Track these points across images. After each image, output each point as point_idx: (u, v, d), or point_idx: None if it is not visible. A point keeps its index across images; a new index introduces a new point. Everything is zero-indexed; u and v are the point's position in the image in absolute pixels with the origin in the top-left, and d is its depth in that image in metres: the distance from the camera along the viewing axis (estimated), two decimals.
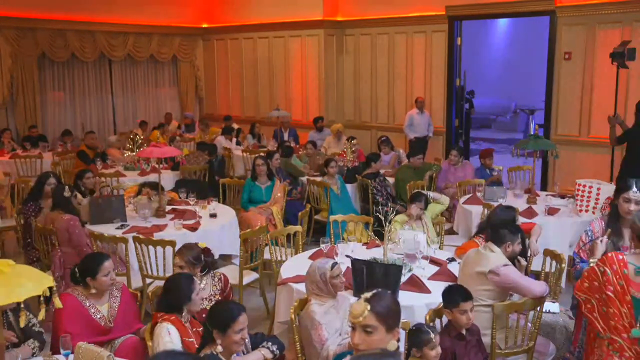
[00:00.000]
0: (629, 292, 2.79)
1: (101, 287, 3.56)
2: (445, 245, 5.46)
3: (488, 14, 10.17)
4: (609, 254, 2.90)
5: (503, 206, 4.80)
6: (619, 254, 2.88)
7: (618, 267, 2.82)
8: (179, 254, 3.88)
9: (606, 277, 2.84)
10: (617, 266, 2.82)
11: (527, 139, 6.54)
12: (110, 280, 3.59)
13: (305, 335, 3.40)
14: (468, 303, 3.28)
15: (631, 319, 2.80)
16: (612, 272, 2.83)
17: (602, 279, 2.86)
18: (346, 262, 4.14)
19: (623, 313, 2.80)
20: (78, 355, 2.95)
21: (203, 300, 3.76)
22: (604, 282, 2.85)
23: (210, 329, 2.92)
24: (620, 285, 2.81)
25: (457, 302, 3.27)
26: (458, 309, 3.27)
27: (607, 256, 2.89)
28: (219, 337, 2.90)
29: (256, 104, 12.70)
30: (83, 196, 5.93)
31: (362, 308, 2.35)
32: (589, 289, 2.94)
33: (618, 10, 8.30)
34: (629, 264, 2.81)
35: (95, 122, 12.36)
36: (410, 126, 10.06)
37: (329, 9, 11.19)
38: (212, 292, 3.91)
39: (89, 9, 11.38)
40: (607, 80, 8.53)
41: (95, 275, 3.52)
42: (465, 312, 3.26)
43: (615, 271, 2.82)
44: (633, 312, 2.79)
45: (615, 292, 2.82)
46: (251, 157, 8.91)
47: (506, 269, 3.64)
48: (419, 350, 2.91)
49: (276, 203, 6.73)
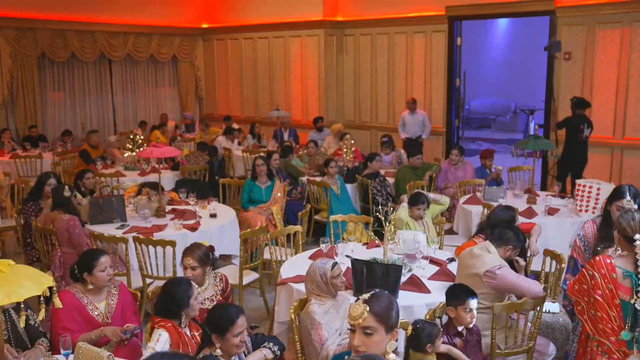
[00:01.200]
0: (618, 296, 2.79)
1: (98, 283, 3.55)
2: (445, 245, 5.46)
3: (488, 14, 10.17)
4: (596, 258, 2.88)
5: (503, 206, 4.80)
6: (607, 257, 2.86)
7: (606, 271, 2.80)
8: (189, 254, 3.81)
9: (595, 280, 2.83)
10: (605, 270, 2.81)
11: (527, 139, 6.54)
12: (108, 276, 3.57)
13: (305, 335, 3.40)
14: (474, 301, 3.29)
15: (620, 322, 2.79)
16: (600, 275, 2.81)
17: (590, 282, 2.86)
18: (346, 262, 4.14)
19: (612, 316, 2.79)
20: (78, 355, 2.95)
21: (204, 301, 3.76)
22: (592, 286, 2.84)
23: (209, 333, 2.91)
24: (609, 289, 2.80)
25: (463, 300, 3.28)
26: (463, 306, 3.27)
27: (595, 260, 2.87)
28: (218, 341, 2.89)
29: (256, 104, 12.70)
30: (83, 196, 5.93)
31: (361, 310, 2.34)
32: (578, 292, 2.94)
33: (618, 10, 8.30)
34: (617, 268, 2.80)
35: (95, 122, 12.36)
36: (402, 126, 10.05)
37: (329, 9, 11.19)
38: (213, 293, 3.90)
39: (89, 9, 11.38)
40: (607, 80, 8.54)
41: (92, 270, 3.52)
42: (471, 310, 3.28)
43: (603, 275, 2.81)
44: (622, 315, 2.79)
45: (603, 295, 2.81)
46: (251, 157, 8.92)
47: (502, 270, 3.61)
48: (432, 344, 2.98)
49: (276, 203, 6.73)
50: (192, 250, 3.84)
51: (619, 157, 8.57)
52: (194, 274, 3.76)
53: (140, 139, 8.32)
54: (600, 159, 8.67)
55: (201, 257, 3.79)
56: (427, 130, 10.04)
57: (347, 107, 11.65)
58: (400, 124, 10.09)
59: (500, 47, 16.24)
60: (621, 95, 8.45)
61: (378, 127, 11.12)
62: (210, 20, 13.29)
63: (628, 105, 8.41)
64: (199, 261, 3.78)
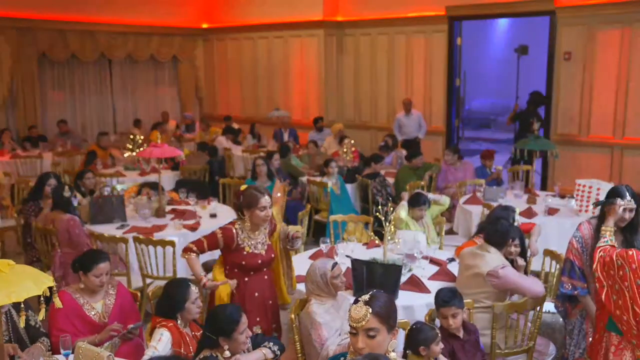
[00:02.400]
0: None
1: (89, 285, 3.54)
2: (445, 246, 5.45)
3: (488, 14, 10.17)
4: (629, 252, 2.87)
5: (502, 206, 4.80)
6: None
7: (637, 266, 2.81)
8: (265, 194, 3.70)
9: (623, 272, 2.84)
10: (637, 265, 2.81)
11: (527, 139, 6.54)
12: (100, 283, 3.54)
13: (305, 335, 3.40)
14: (448, 309, 3.25)
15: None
16: (631, 270, 2.82)
17: (618, 272, 2.86)
18: (346, 262, 4.14)
19: (635, 311, 2.81)
20: (78, 355, 2.94)
21: (257, 245, 3.75)
22: (620, 276, 2.86)
23: (215, 337, 2.91)
24: (637, 285, 2.81)
25: (437, 307, 3.31)
26: (439, 312, 3.29)
27: (628, 253, 2.86)
28: (225, 343, 2.90)
29: (256, 104, 12.70)
30: (83, 196, 5.93)
31: (363, 311, 2.30)
32: (605, 274, 2.94)
33: (618, 10, 8.29)
34: None
35: (95, 122, 12.37)
36: (397, 128, 10.02)
37: (328, 9, 11.19)
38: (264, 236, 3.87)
39: (89, 9, 11.38)
40: (607, 80, 8.53)
41: (87, 272, 3.51)
42: (446, 317, 3.25)
43: (634, 270, 2.81)
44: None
45: (629, 288, 2.82)
46: (251, 157, 8.91)
47: (505, 270, 3.63)
48: (426, 348, 2.95)
49: (276, 203, 6.71)
50: (260, 190, 3.73)
51: (619, 157, 8.56)
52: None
53: (140, 139, 8.32)
54: (600, 159, 8.67)
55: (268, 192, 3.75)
56: (423, 129, 9.99)
57: (347, 107, 11.65)
58: (395, 126, 10.03)
59: (500, 47, 16.23)
60: (621, 95, 8.44)
61: (378, 127, 11.11)
62: (210, 20, 13.29)
63: (628, 105, 8.41)
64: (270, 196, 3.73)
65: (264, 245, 3.80)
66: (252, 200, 3.67)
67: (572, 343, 3.78)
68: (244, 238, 3.73)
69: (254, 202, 3.66)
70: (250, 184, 6.84)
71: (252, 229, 3.75)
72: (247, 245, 3.74)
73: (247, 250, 3.73)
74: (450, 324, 3.25)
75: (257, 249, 3.76)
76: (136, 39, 12.38)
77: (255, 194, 3.69)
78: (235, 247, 3.71)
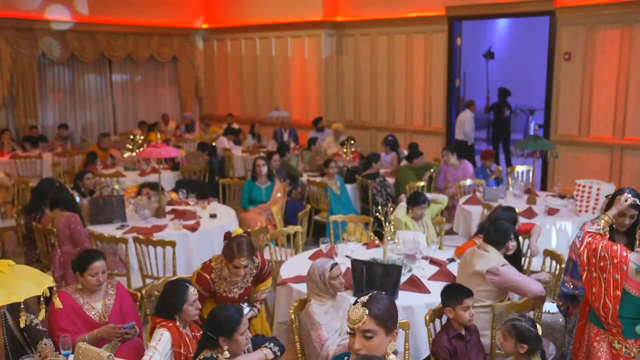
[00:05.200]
0: (621, 288, 2.83)
1: (86, 285, 3.53)
2: (445, 246, 5.46)
3: (488, 14, 10.16)
4: (614, 246, 2.89)
5: (503, 206, 4.80)
6: (625, 249, 2.88)
7: (619, 262, 2.84)
8: (243, 256, 3.72)
9: (604, 263, 2.88)
10: (618, 260, 2.84)
11: (527, 139, 6.54)
12: (97, 282, 3.52)
13: (305, 335, 3.40)
14: (470, 299, 3.31)
15: (613, 312, 2.86)
16: (612, 264, 2.86)
17: (599, 263, 2.90)
18: (346, 262, 4.14)
19: (607, 303, 2.87)
20: (78, 355, 2.94)
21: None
22: (600, 267, 2.90)
23: (215, 337, 2.91)
24: (614, 279, 2.85)
25: (460, 299, 3.29)
26: (461, 305, 3.28)
27: (612, 248, 2.88)
28: (225, 344, 2.90)
29: (256, 104, 12.70)
30: (83, 196, 5.92)
31: (360, 313, 2.30)
32: (587, 260, 2.98)
33: (618, 10, 8.29)
34: (630, 262, 2.82)
35: (95, 123, 12.37)
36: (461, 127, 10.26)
37: (328, 9, 11.19)
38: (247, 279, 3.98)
39: (89, 9, 11.37)
40: (607, 80, 8.53)
41: (83, 272, 3.51)
42: (468, 308, 3.29)
43: (614, 264, 2.85)
44: (617, 307, 2.84)
45: (607, 281, 2.87)
46: (251, 157, 8.91)
47: (505, 268, 3.64)
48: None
49: (276, 203, 6.72)
50: (243, 250, 3.74)
51: (619, 157, 8.56)
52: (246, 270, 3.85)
53: (140, 139, 8.32)
54: (600, 159, 8.68)
55: (251, 252, 3.79)
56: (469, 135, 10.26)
57: (347, 107, 11.64)
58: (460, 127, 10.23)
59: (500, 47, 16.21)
60: (621, 95, 8.44)
61: (378, 127, 11.11)
62: (210, 20, 13.29)
63: (628, 105, 8.41)
64: (249, 257, 3.78)
65: (241, 289, 3.95)
66: (230, 255, 3.76)
67: (570, 341, 3.78)
68: (220, 284, 3.87)
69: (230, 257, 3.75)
70: (250, 184, 6.85)
71: (231, 276, 3.85)
72: (222, 290, 3.89)
73: (221, 293, 3.90)
74: (467, 318, 3.29)
75: (231, 292, 3.91)
76: (136, 39, 12.38)
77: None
78: (212, 293, 3.91)
